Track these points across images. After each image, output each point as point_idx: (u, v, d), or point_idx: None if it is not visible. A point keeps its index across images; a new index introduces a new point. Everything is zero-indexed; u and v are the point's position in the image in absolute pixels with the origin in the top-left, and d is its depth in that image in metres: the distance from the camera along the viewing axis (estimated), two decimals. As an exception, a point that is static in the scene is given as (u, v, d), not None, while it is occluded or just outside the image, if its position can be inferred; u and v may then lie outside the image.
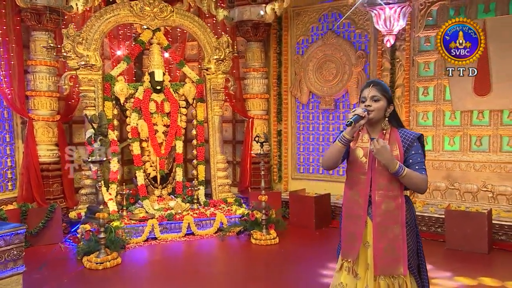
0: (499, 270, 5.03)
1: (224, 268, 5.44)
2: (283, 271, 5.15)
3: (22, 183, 6.00)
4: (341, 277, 2.84)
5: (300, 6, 7.27)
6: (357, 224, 2.76)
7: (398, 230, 2.70)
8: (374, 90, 2.71)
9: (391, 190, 2.70)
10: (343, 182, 7.90)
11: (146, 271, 5.12)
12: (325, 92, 7.36)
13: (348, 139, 2.56)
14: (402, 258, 2.69)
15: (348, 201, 2.87)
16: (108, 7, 6.11)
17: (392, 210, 2.70)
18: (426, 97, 6.88)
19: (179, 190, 6.58)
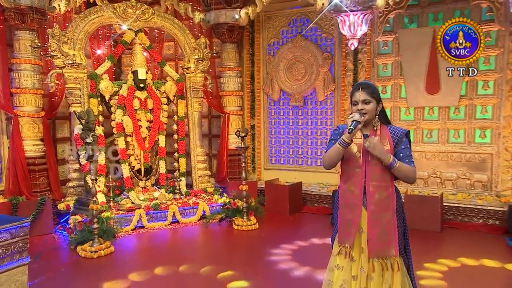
0: (451, 246, 5.40)
1: (212, 251, 5.44)
2: (265, 253, 5.19)
3: (9, 177, 5.83)
4: (337, 260, 2.89)
5: (271, 11, 7.31)
6: (353, 213, 2.82)
7: (389, 216, 2.78)
8: (364, 93, 2.75)
9: (383, 181, 2.77)
10: (310, 171, 8.05)
11: (138, 257, 5.09)
12: (295, 90, 7.45)
13: (348, 142, 2.64)
14: (394, 241, 2.77)
15: (344, 192, 2.89)
16: (92, 9, 5.99)
17: (384, 198, 2.77)
18: (384, 95, 6.96)
19: (162, 181, 6.57)
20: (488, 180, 6.55)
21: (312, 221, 6.67)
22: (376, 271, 2.75)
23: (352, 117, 2.64)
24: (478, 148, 6.63)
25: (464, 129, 6.71)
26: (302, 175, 7.42)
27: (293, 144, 7.67)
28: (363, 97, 2.73)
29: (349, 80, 7.02)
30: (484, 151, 6.59)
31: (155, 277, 4.54)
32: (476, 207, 6.06)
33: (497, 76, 6.40)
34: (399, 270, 2.76)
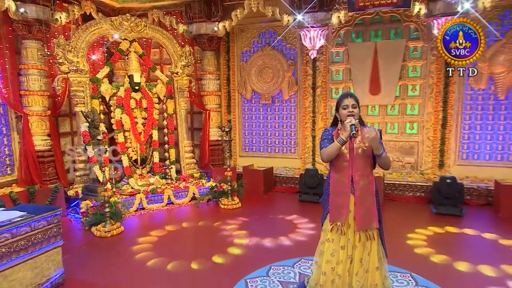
0: (391, 214, 5.68)
1: (205, 226, 5.40)
2: (249, 224, 5.41)
3: (21, 168, 5.88)
4: (328, 234, 3.04)
5: (244, 25, 7.41)
6: (343, 198, 2.97)
7: (371, 198, 2.97)
8: (352, 100, 2.91)
9: (365, 170, 2.95)
10: (278, 158, 8.26)
11: (145, 234, 5.08)
12: (264, 91, 7.60)
13: (346, 141, 2.80)
14: (374, 217, 2.95)
15: (335, 181, 3.02)
16: (93, 21, 6.06)
17: (367, 184, 2.94)
18: (337, 95, 7.18)
19: (156, 169, 6.72)
20: (415, 162, 6.96)
21: (282, 198, 6.85)
22: (362, 241, 2.93)
23: (350, 122, 2.80)
24: (408, 137, 6.97)
25: (398, 123, 7.02)
26: (271, 161, 7.69)
27: (263, 135, 7.87)
28: (352, 102, 2.89)
29: (309, 83, 7.28)
30: (412, 139, 6.95)
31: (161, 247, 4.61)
32: (407, 183, 6.58)
33: (422, 82, 6.75)
34: (376, 239, 2.96)
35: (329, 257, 2.97)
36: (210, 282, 3.71)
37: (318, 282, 3.03)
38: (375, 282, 2.88)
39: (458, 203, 5.77)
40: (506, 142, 6.43)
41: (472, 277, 3.77)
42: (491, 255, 4.30)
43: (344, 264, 2.92)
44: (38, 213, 3.49)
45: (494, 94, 6.41)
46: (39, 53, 5.79)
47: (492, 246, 4.58)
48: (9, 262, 3.19)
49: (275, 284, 3.56)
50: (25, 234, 3.31)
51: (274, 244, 4.68)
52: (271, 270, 3.87)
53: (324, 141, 2.99)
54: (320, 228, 3.12)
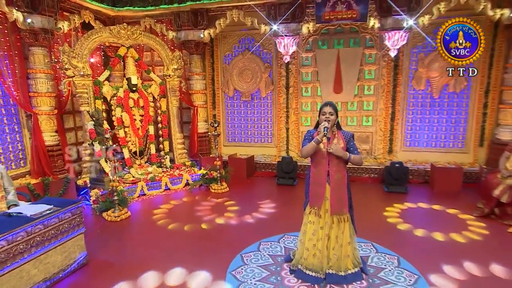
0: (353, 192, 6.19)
1: (200, 207, 5.48)
2: (236, 204, 5.56)
3: (33, 161, 5.78)
4: (309, 217, 3.24)
5: (226, 32, 7.36)
6: (321, 188, 3.15)
7: (343, 189, 3.16)
8: (330, 108, 3.05)
9: (339, 167, 3.13)
10: (257, 146, 8.36)
11: (149, 216, 5.16)
12: (245, 89, 7.63)
13: (320, 141, 2.99)
14: (345, 205, 3.17)
15: (314, 174, 3.19)
16: (94, 30, 5.93)
17: (341, 178, 3.14)
18: (307, 93, 7.37)
19: (153, 159, 6.75)
20: (370, 149, 7.23)
21: (263, 182, 6.95)
22: (335, 222, 3.16)
23: (323, 125, 2.97)
24: (364, 129, 7.20)
25: (356, 117, 7.21)
26: (251, 149, 7.81)
27: (244, 128, 7.94)
28: (330, 110, 3.04)
29: (283, 83, 7.36)
30: (367, 130, 7.19)
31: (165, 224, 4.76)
32: (364, 167, 6.84)
33: (375, 83, 6.95)
34: (347, 221, 3.21)
35: (311, 236, 3.21)
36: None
37: (302, 255, 3.33)
38: (347, 254, 3.22)
39: (404, 182, 6.16)
40: (439, 132, 6.87)
41: (408, 235, 4.20)
42: (427, 220, 4.79)
43: (323, 241, 3.19)
44: (63, 206, 3.58)
45: (430, 94, 6.78)
46: (46, 60, 5.60)
47: (429, 214, 5.07)
48: (43, 249, 3.32)
49: (266, 257, 3.75)
50: (55, 225, 3.43)
51: (257, 219, 4.90)
52: (261, 245, 4.04)
53: (305, 140, 3.16)
54: (303, 212, 3.35)
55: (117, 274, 3.55)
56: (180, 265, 3.67)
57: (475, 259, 3.68)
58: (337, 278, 3.17)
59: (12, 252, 3.00)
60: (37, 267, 3.24)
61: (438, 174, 6.16)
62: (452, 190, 5.97)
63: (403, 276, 3.34)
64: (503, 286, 3.25)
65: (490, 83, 6.39)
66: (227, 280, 3.36)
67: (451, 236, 4.26)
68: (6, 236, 2.96)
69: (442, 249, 3.94)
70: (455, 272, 3.44)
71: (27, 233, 3.14)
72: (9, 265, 2.98)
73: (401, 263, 3.58)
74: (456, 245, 4.07)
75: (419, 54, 6.66)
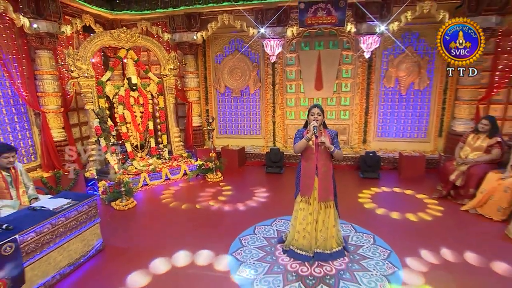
0: None
1: (199, 195, 5.57)
2: (230, 190, 5.72)
3: (43, 155, 5.81)
4: (300, 205, 3.41)
5: (217, 34, 7.36)
6: (310, 179, 3.31)
7: (329, 180, 3.33)
8: (318, 109, 3.17)
9: (326, 161, 3.28)
10: (246, 138, 8.42)
11: (154, 204, 5.26)
12: (235, 86, 7.68)
13: (310, 138, 3.13)
14: (331, 193, 3.36)
15: (304, 168, 3.34)
16: (96, 34, 5.88)
17: (327, 171, 3.30)
18: (291, 90, 7.48)
19: (153, 152, 6.77)
20: (347, 139, 7.43)
21: (253, 171, 7.05)
22: (322, 208, 3.35)
23: (313, 124, 3.10)
24: (342, 121, 7.39)
25: (335, 111, 7.38)
26: (242, 141, 7.89)
27: (235, 121, 7.98)
28: (317, 111, 3.17)
29: (270, 81, 7.42)
30: (345, 123, 7.39)
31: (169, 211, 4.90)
32: (343, 155, 7.16)
33: (352, 81, 7.13)
34: (332, 207, 3.39)
35: (301, 221, 3.41)
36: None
37: (293, 237, 3.52)
38: (332, 235, 3.44)
39: (377, 169, 6.44)
40: (406, 124, 7.17)
41: (381, 216, 4.48)
42: (397, 202, 5.08)
43: (311, 225, 3.39)
44: (80, 200, 3.66)
45: (398, 91, 7.03)
46: (52, 62, 5.58)
47: (398, 196, 5.36)
48: (66, 238, 3.43)
49: (261, 240, 3.90)
50: (74, 217, 3.53)
51: (250, 205, 5.01)
52: (256, 229, 4.17)
53: (296, 138, 3.31)
54: (294, 200, 3.53)
55: (130, 257, 3.69)
56: (186, 248, 3.79)
57: (434, 234, 4.05)
58: (324, 256, 3.41)
59: (40, 242, 3.13)
60: (61, 254, 3.37)
61: (405, 161, 6.48)
62: (416, 175, 6.32)
63: (378, 252, 3.62)
64: (458, 261, 3.61)
65: (447, 82, 6.72)
66: (229, 260, 3.52)
67: (419, 215, 4.58)
68: (35, 229, 3.08)
69: (408, 227, 4.25)
70: (417, 245, 3.77)
71: (52, 225, 3.26)
72: (38, 253, 3.11)
73: (376, 241, 3.85)
74: (419, 223, 4.40)
75: (390, 55, 6.90)
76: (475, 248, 3.71)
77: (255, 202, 5.22)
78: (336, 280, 3.12)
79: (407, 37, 6.75)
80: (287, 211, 4.38)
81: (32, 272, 3.03)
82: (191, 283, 3.19)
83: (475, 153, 5.04)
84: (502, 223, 4.30)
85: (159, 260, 3.62)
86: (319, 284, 3.06)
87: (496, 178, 4.54)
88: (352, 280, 3.12)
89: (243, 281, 3.18)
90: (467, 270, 3.34)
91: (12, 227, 2.94)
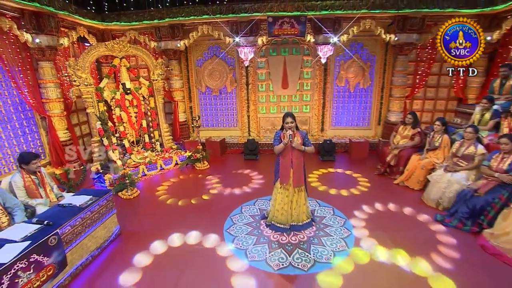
0: None
1: (189, 178, 5.88)
2: (218, 178, 5.86)
3: (51, 154, 5.80)
4: (279, 190, 3.66)
5: (198, 41, 7.33)
6: (287, 170, 3.57)
7: (301, 170, 3.61)
8: (291, 118, 3.39)
9: (299, 156, 3.54)
10: (225, 130, 8.75)
11: (153, 191, 5.32)
12: (214, 86, 7.76)
13: (287, 143, 3.41)
14: (302, 180, 3.64)
15: (282, 162, 3.58)
16: (92, 46, 5.75)
17: (300, 163, 3.56)
18: (262, 89, 7.68)
19: (147, 146, 6.80)
20: (309, 128, 7.77)
21: (233, 158, 7.23)
22: (296, 192, 3.65)
23: (289, 133, 3.36)
24: (304, 114, 7.72)
25: (298, 105, 7.70)
26: (222, 132, 8.06)
27: (215, 116, 8.10)
28: (291, 120, 3.39)
29: (244, 81, 7.53)
30: (306, 115, 7.73)
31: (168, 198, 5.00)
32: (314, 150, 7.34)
33: (311, 81, 7.47)
34: (303, 190, 3.71)
35: (280, 201, 3.72)
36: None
37: (274, 215, 3.87)
38: (303, 211, 3.84)
39: (333, 153, 6.86)
40: (353, 115, 7.74)
41: (338, 197, 4.88)
42: (345, 183, 5.50)
43: (288, 204, 3.71)
44: (100, 196, 3.83)
45: (348, 89, 7.54)
46: (53, 72, 5.51)
47: (341, 176, 5.83)
48: (93, 228, 3.65)
49: (248, 217, 4.18)
50: (97, 210, 3.73)
51: (237, 189, 5.27)
52: (242, 209, 4.44)
53: (276, 140, 3.57)
54: (273, 186, 3.82)
55: (143, 239, 3.88)
56: (196, 229, 3.99)
57: (372, 198, 4.80)
58: (297, 227, 3.81)
59: (75, 232, 3.39)
60: (90, 240, 3.62)
61: (353, 146, 7.01)
62: (362, 157, 6.96)
63: (336, 220, 4.12)
64: (390, 215, 4.34)
65: (384, 83, 7.42)
66: (224, 235, 3.83)
67: (358, 189, 5.21)
68: (70, 222, 3.33)
69: (356, 199, 4.84)
70: (360, 204, 4.49)
71: (82, 219, 3.50)
72: (74, 241, 3.37)
73: (335, 212, 4.34)
74: (362, 195, 5.00)
75: (341, 61, 7.37)
76: (396, 203, 4.61)
77: (240, 187, 5.40)
78: (308, 245, 3.58)
79: (354, 46, 7.25)
80: (266, 192, 4.89)
81: (71, 257, 3.32)
82: (200, 255, 3.54)
83: (403, 140, 5.80)
84: (419, 191, 5.09)
85: (175, 235, 3.91)
86: (295, 249, 3.51)
87: (417, 159, 5.34)
88: (319, 243, 3.62)
89: (238, 251, 3.52)
90: (389, 213, 4.32)
91: (52, 223, 3.20)
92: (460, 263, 3.29)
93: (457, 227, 3.92)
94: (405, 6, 6.18)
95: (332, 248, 3.58)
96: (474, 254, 3.43)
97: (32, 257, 2.82)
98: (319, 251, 3.51)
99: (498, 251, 3.33)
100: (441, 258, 3.39)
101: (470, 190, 4.01)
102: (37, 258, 2.87)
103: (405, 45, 6.58)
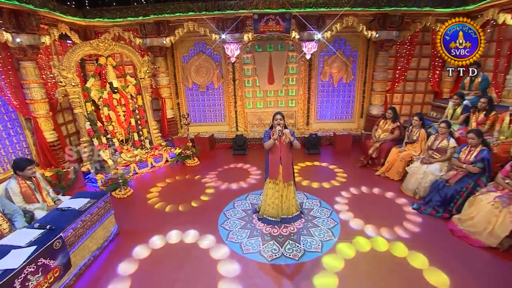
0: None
1: (181, 175, 5.94)
2: (208, 169, 6.11)
3: (38, 155, 5.75)
4: (269, 185, 3.81)
5: (184, 37, 7.31)
6: (276, 166, 3.71)
7: (289, 166, 3.76)
8: (280, 116, 3.52)
9: (287, 152, 3.68)
10: (213, 125, 9.10)
11: (146, 189, 5.39)
12: (201, 82, 7.80)
13: (276, 139, 3.52)
14: (291, 175, 3.79)
15: (271, 159, 3.72)
16: (77, 45, 5.70)
17: (288, 160, 3.71)
18: (248, 84, 7.80)
19: (137, 144, 6.84)
20: (294, 122, 8.00)
21: (222, 153, 7.36)
22: (286, 186, 3.80)
23: (278, 129, 3.49)
24: (290, 108, 7.91)
25: (284, 100, 7.89)
26: (210, 128, 8.15)
27: (202, 111, 8.16)
28: (280, 117, 3.53)
29: (231, 77, 7.61)
30: (292, 110, 7.92)
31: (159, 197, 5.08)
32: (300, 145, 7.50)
33: (297, 76, 7.64)
34: (292, 184, 3.85)
35: (271, 196, 3.90)
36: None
37: (265, 209, 4.08)
38: (293, 204, 4.05)
39: (318, 146, 7.10)
40: (337, 109, 8.02)
41: (322, 190, 5.05)
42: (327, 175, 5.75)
43: (278, 199, 3.90)
44: (97, 198, 3.92)
45: (331, 84, 7.80)
46: (36, 71, 5.38)
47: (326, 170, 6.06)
48: (93, 229, 3.78)
49: (240, 212, 4.37)
50: (96, 212, 3.84)
51: (229, 184, 5.40)
52: (235, 204, 4.60)
53: (265, 137, 3.70)
54: (264, 181, 3.98)
55: (140, 236, 4.01)
56: (194, 228, 4.07)
57: (357, 185, 5.22)
58: (287, 220, 4.03)
59: (77, 235, 3.53)
60: (91, 241, 3.76)
61: (338, 139, 7.27)
62: (345, 149, 7.29)
63: (323, 212, 4.41)
64: (369, 197, 4.80)
65: (366, 77, 7.75)
66: (219, 230, 4.02)
67: (337, 181, 5.52)
68: (71, 226, 3.46)
69: (339, 188, 5.15)
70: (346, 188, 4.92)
71: (82, 221, 3.62)
72: (76, 243, 3.52)
73: (322, 204, 4.62)
74: (344, 183, 5.38)
75: (325, 56, 7.60)
76: (378, 188, 5.12)
77: (230, 183, 5.53)
78: (298, 236, 3.84)
79: (337, 42, 7.50)
80: (257, 187, 5.11)
81: (74, 258, 3.47)
82: (197, 250, 3.74)
83: (384, 133, 6.18)
84: (398, 181, 5.51)
85: (174, 232, 4.04)
86: (286, 240, 3.76)
87: (396, 152, 5.76)
88: (308, 234, 3.92)
89: (233, 245, 3.71)
90: (370, 195, 4.84)
91: (54, 227, 3.33)
92: (432, 244, 3.70)
93: (431, 214, 4.36)
94: (385, 4, 6.47)
95: (320, 238, 3.87)
96: (444, 237, 3.86)
97: (40, 260, 2.97)
98: (308, 241, 3.78)
99: (464, 234, 3.78)
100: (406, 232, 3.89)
101: (442, 181, 4.44)
102: (44, 262, 3.02)
103: (386, 42, 6.91)
